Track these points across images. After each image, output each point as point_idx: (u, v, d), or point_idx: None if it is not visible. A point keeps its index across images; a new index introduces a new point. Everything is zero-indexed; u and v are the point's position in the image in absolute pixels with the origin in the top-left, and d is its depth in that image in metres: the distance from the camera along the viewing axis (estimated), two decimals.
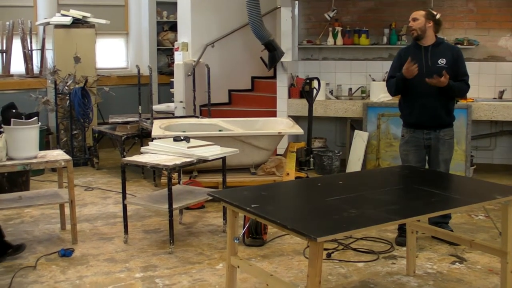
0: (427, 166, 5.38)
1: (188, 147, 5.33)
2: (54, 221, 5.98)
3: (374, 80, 8.34)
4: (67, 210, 5.53)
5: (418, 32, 5.20)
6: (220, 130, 7.09)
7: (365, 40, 8.48)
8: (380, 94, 7.83)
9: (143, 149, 5.63)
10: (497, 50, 8.28)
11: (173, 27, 10.96)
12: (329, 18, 8.28)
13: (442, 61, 5.18)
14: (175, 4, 9.74)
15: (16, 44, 9.55)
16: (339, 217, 3.22)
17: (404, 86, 5.21)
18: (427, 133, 5.24)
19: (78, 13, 9.08)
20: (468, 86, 5.34)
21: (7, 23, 9.43)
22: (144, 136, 8.23)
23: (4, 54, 9.51)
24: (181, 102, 8.96)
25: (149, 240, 5.42)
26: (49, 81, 8.94)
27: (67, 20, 8.91)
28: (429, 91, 5.11)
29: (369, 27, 8.54)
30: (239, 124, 7.37)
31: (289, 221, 3.12)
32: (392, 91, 5.41)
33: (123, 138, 8.02)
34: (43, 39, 9.60)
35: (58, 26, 8.98)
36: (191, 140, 5.62)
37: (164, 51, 11.11)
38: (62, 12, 9.11)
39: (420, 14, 5.23)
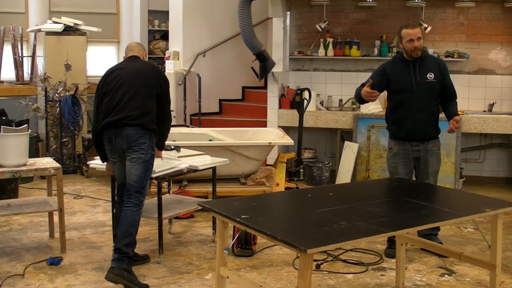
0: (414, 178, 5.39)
1: (179, 157, 5.33)
2: (43, 229, 5.95)
3: None
4: (56, 218, 5.50)
5: (421, 51, 5.14)
6: (210, 140, 7.09)
7: (356, 51, 8.52)
8: (371, 105, 7.86)
9: None
10: (487, 63, 8.34)
11: (164, 35, 10.98)
12: (321, 29, 8.32)
13: (430, 76, 5.15)
14: (167, 13, 9.77)
15: (7, 50, 9.52)
16: (329, 229, 3.22)
17: (399, 103, 5.21)
18: (416, 145, 5.22)
19: (69, 21, 9.08)
20: (456, 101, 5.39)
21: None
22: None
23: None
24: (171, 111, 8.94)
25: (138, 250, 5.37)
26: (40, 88, 8.92)
27: (59, 27, 8.90)
28: (419, 106, 5.13)
29: (360, 39, 8.59)
30: (230, 134, 7.38)
31: (279, 232, 3.12)
32: (356, 98, 5.38)
33: None
34: (34, 46, 9.57)
35: (49, 33, 8.97)
36: (182, 149, 5.63)
37: (155, 59, 11.10)
38: (54, 19, 9.11)
39: (420, 31, 5.13)
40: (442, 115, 5.31)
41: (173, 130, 7.55)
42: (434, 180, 5.31)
